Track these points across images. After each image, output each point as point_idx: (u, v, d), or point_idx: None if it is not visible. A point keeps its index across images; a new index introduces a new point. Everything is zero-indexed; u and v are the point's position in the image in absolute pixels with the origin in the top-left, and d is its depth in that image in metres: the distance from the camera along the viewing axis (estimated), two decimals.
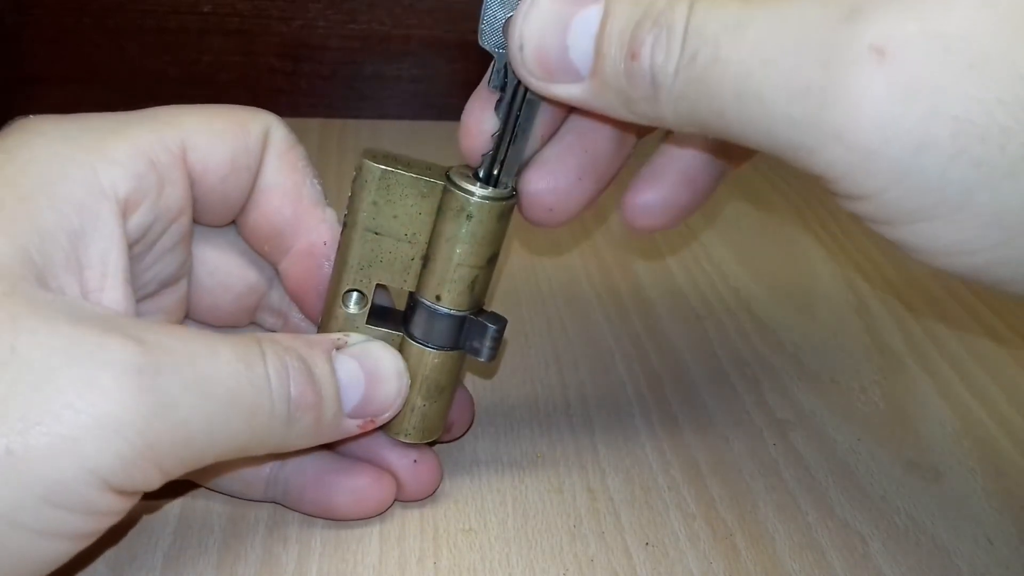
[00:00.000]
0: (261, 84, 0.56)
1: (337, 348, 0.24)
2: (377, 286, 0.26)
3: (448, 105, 0.58)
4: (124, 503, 0.21)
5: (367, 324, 0.26)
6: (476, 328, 0.26)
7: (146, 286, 0.24)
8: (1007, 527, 0.29)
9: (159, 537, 0.26)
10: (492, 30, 0.23)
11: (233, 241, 0.27)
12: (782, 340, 0.37)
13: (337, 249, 0.25)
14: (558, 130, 0.26)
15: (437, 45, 0.56)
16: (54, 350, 0.19)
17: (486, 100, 0.25)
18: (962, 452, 0.32)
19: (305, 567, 0.25)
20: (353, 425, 0.25)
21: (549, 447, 0.31)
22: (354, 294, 0.26)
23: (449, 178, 0.24)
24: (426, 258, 0.25)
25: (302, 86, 0.57)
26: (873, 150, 0.17)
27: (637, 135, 0.27)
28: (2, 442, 0.18)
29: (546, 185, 0.26)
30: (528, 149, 0.25)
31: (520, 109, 0.24)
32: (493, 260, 0.25)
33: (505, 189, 0.25)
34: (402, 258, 0.25)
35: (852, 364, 0.36)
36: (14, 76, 0.55)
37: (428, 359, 0.26)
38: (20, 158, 0.22)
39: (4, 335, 0.19)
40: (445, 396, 0.27)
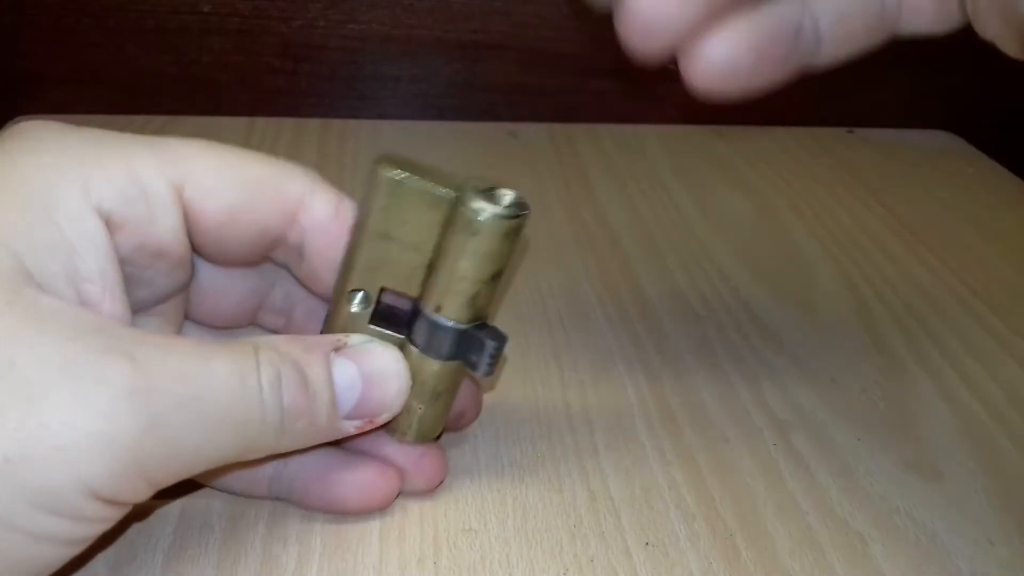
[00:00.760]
0: (261, 84, 0.56)
1: (336, 350, 0.24)
2: (382, 289, 0.26)
3: (448, 105, 0.58)
4: (114, 512, 0.21)
5: (371, 325, 0.26)
6: (475, 343, 0.26)
7: (143, 301, 0.24)
8: (1007, 527, 0.29)
9: (159, 537, 0.26)
10: None
11: None
12: (782, 340, 0.38)
13: (346, 248, 0.25)
14: None
15: (437, 45, 0.56)
16: (51, 366, 0.20)
17: None
18: (962, 452, 0.32)
19: (305, 567, 0.25)
20: (351, 426, 0.25)
21: (549, 447, 0.31)
22: (359, 294, 0.26)
23: (460, 192, 0.24)
24: (430, 268, 0.25)
25: (302, 86, 0.57)
26: None
27: None
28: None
29: None
30: None
31: None
32: (497, 276, 0.25)
33: (514, 208, 0.24)
34: (408, 265, 0.25)
35: (852, 364, 0.36)
36: (14, 76, 0.55)
37: (427, 366, 0.26)
38: (17, 167, 0.22)
39: (4, 348, 0.19)
40: (443, 401, 0.27)
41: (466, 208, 0.24)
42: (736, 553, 0.27)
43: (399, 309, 0.26)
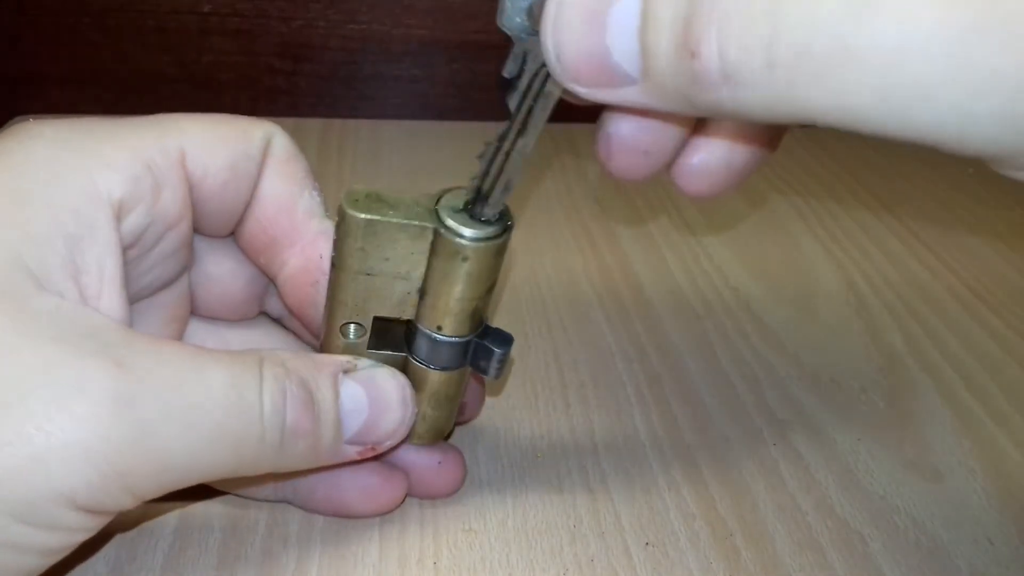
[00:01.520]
0: (261, 84, 0.56)
1: (345, 372, 0.24)
2: (375, 317, 0.25)
3: (448, 105, 0.58)
4: (95, 521, 0.20)
5: (370, 349, 0.25)
6: (482, 350, 0.25)
7: (143, 289, 0.24)
8: (1007, 527, 0.29)
9: (159, 537, 0.26)
10: (515, 10, 0.21)
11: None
12: (782, 340, 0.37)
13: (328, 286, 0.25)
14: None
15: (437, 45, 0.56)
16: (31, 370, 0.19)
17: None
18: (962, 452, 0.32)
19: (305, 567, 0.25)
20: (352, 451, 0.24)
21: (549, 447, 0.31)
22: (352, 326, 0.25)
23: (440, 219, 0.23)
24: (423, 292, 0.24)
25: (302, 86, 0.57)
26: None
27: None
28: None
29: (639, 123, 0.22)
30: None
31: (536, 100, 0.22)
32: (492, 288, 0.25)
33: (497, 224, 0.23)
34: (398, 293, 0.24)
35: (852, 364, 0.36)
36: (14, 76, 0.55)
37: (434, 377, 0.26)
38: (15, 161, 0.22)
39: None
40: (453, 402, 0.27)
41: (451, 237, 0.23)
42: (736, 553, 0.27)
43: (395, 327, 0.26)
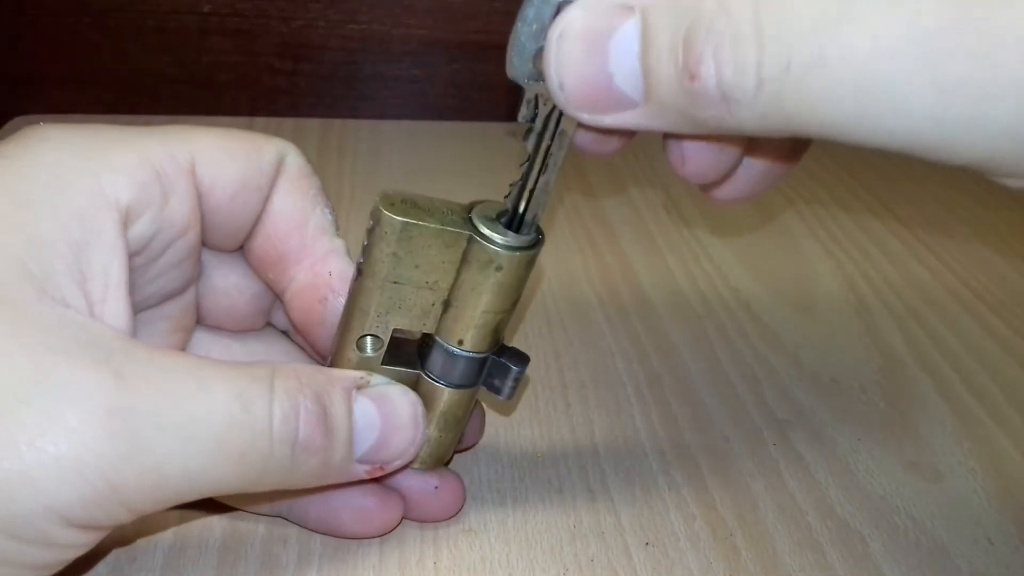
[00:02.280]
0: (261, 84, 0.56)
1: (358, 388, 0.24)
2: (394, 330, 0.25)
3: (448, 105, 0.58)
4: (89, 536, 0.20)
5: (384, 365, 0.25)
6: (498, 368, 0.25)
7: (149, 298, 0.24)
8: (1007, 527, 0.29)
9: (159, 538, 0.26)
10: (521, 61, 0.22)
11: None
12: (782, 340, 0.37)
13: (349, 294, 0.24)
14: None
15: (437, 45, 0.56)
16: (25, 380, 0.19)
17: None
18: (962, 452, 0.32)
19: (305, 567, 0.25)
20: (361, 470, 0.24)
21: (549, 447, 0.31)
22: (369, 338, 0.25)
23: (475, 227, 0.23)
24: (447, 303, 0.24)
25: (302, 86, 0.57)
26: None
27: None
28: None
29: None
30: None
31: (552, 139, 0.23)
32: (517, 302, 0.25)
33: (531, 235, 0.24)
34: (422, 304, 0.24)
35: (852, 364, 0.36)
36: (14, 76, 0.55)
37: (446, 396, 0.26)
38: (22, 165, 0.21)
39: None
40: (460, 425, 0.27)
41: (486, 244, 0.23)
42: (736, 553, 0.27)
43: (408, 343, 0.26)
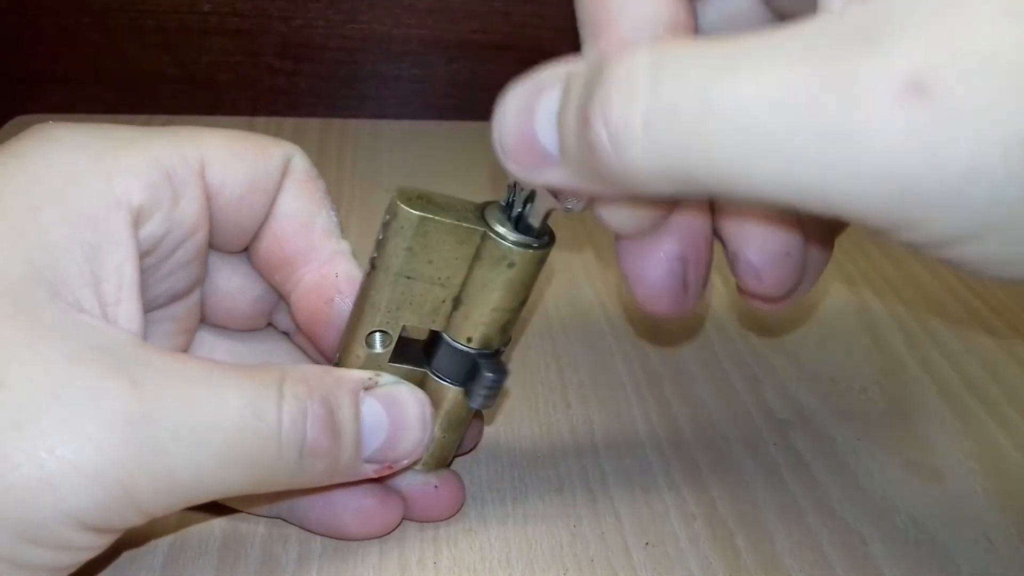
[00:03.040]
0: (261, 84, 0.56)
1: (366, 388, 0.24)
2: (403, 327, 0.25)
3: (448, 105, 0.58)
4: (104, 539, 0.20)
5: (391, 363, 0.25)
6: (476, 371, 0.25)
7: (156, 299, 0.24)
8: (1007, 527, 0.29)
9: (159, 536, 0.26)
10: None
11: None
12: (782, 340, 0.38)
13: (360, 289, 0.24)
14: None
15: (437, 45, 0.56)
16: (43, 389, 0.19)
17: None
18: (962, 452, 0.32)
19: (305, 567, 0.25)
20: (369, 469, 0.24)
21: (549, 447, 0.31)
22: (378, 335, 0.25)
23: (489, 224, 0.23)
24: (457, 300, 0.24)
25: (302, 86, 0.57)
26: (918, 190, 0.16)
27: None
28: None
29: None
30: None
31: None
32: (525, 302, 0.25)
33: (543, 235, 0.24)
34: (433, 300, 0.24)
35: (852, 364, 0.36)
36: (14, 76, 0.55)
37: (452, 395, 0.26)
38: (33, 166, 0.21)
39: None
40: (463, 427, 0.27)
41: (500, 241, 0.23)
42: (736, 553, 0.27)
43: (414, 341, 0.26)
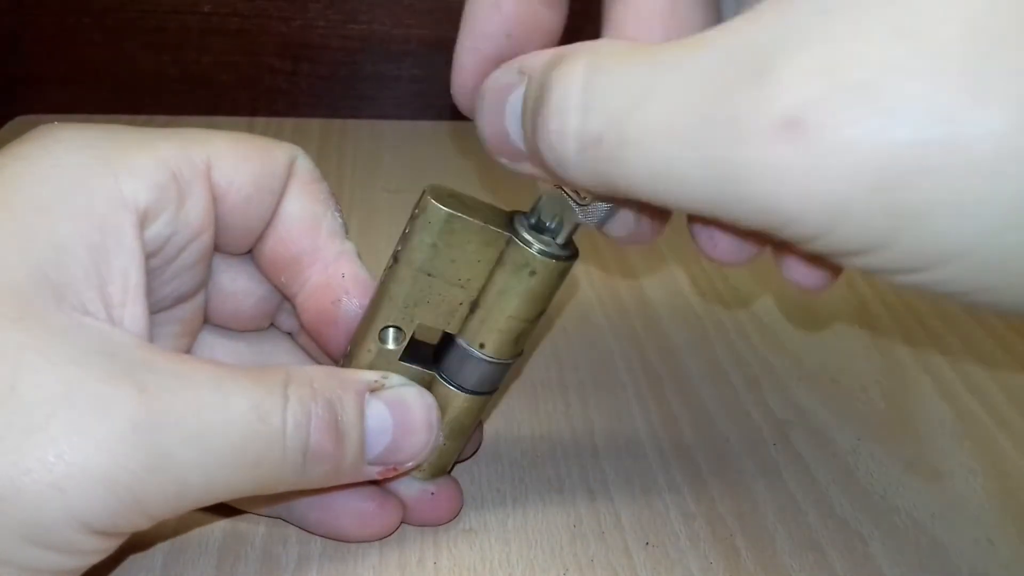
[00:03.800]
0: (261, 84, 0.56)
1: (372, 390, 0.24)
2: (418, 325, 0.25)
3: (448, 105, 0.57)
4: (110, 543, 0.21)
5: (401, 361, 0.25)
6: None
7: (162, 301, 0.24)
8: (1007, 527, 0.29)
9: (159, 537, 0.26)
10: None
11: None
12: (782, 340, 0.38)
13: (380, 281, 0.24)
14: None
15: (437, 45, 0.56)
16: (53, 393, 0.19)
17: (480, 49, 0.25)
18: (962, 452, 0.32)
19: (305, 567, 0.25)
20: (373, 471, 0.24)
21: (549, 447, 0.31)
22: (392, 330, 0.25)
23: (515, 230, 0.23)
24: (475, 304, 0.24)
25: (302, 86, 0.57)
26: (796, 217, 0.17)
27: None
28: None
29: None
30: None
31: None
32: (542, 314, 0.25)
33: (570, 247, 0.24)
34: (450, 301, 0.24)
35: (852, 364, 0.36)
36: (14, 76, 0.55)
37: (458, 402, 0.25)
38: (40, 167, 0.21)
39: (5, 370, 0.19)
40: (465, 436, 0.27)
41: (524, 247, 0.23)
42: (736, 553, 0.27)
43: (425, 343, 0.26)
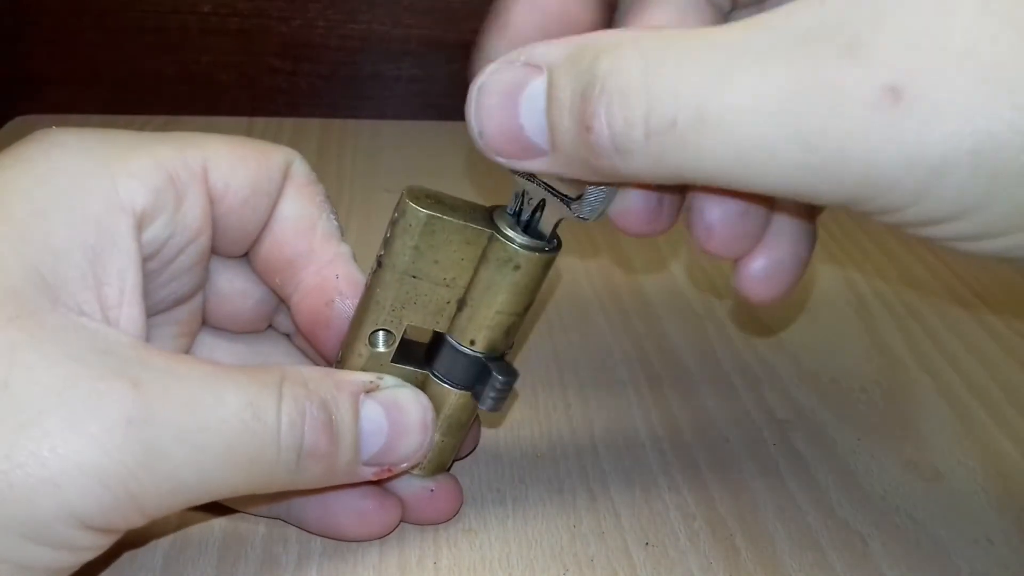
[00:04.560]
0: (261, 84, 0.56)
1: (367, 391, 0.24)
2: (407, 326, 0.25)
3: (448, 105, 0.58)
4: (105, 539, 0.21)
5: (393, 363, 0.25)
6: (485, 374, 0.25)
7: (159, 303, 0.24)
8: (1007, 527, 0.29)
9: (159, 536, 0.26)
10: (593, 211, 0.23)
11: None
12: (782, 340, 0.38)
13: (366, 287, 0.25)
14: None
15: (437, 45, 0.56)
16: (47, 390, 0.19)
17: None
18: (962, 452, 0.32)
19: (305, 567, 0.25)
20: (368, 472, 0.24)
21: (549, 447, 0.31)
22: (381, 333, 0.25)
23: (496, 226, 0.24)
24: (462, 302, 0.24)
25: (302, 86, 0.57)
26: (894, 183, 0.17)
27: None
28: None
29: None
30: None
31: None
32: (530, 306, 0.25)
33: (553, 240, 0.24)
34: (437, 301, 0.24)
35: (852, 364, 0.36)
36: (14, 76, 0.55)
37: (452, 399, 0.26)
38: (38, 170, 0.21)
39: (0, 367, 0.19)
40: (463, 432, 0.27)
41: (506, 243, 0.23)
42: (736, 553, 0.27)
43: (416, 343, 0.26)
